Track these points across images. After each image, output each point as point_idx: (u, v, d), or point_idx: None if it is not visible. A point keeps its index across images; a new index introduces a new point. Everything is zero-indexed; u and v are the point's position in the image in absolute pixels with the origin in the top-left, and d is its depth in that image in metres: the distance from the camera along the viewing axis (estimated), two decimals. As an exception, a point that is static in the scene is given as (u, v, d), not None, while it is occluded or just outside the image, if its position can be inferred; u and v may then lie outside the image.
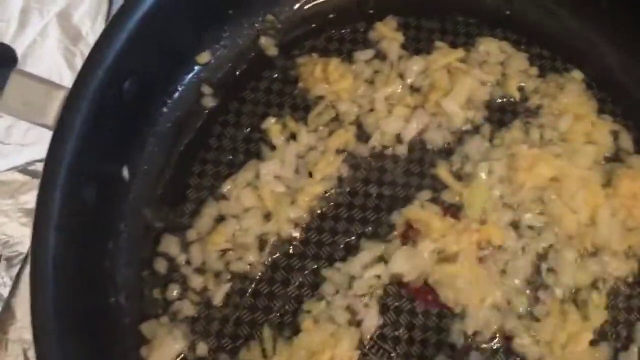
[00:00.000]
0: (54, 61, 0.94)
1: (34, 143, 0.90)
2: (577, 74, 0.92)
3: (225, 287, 0.79)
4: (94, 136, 0.70)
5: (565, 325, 0.79)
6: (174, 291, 0.79)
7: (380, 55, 0.91)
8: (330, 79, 0.87)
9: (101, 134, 0.72)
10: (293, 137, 0.86)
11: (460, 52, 0.90)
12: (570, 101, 0.89)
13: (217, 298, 0.79)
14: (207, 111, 0.88)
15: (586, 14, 0.92)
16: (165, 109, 0.87)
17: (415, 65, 0.89)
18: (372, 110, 0.87)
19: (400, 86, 0.88)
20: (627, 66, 0.92)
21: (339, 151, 0.86)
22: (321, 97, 0.88)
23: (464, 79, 0.88)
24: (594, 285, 0.81)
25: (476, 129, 0.87)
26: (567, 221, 0.83)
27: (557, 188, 0.84)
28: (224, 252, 0.80)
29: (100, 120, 0.71)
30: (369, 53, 0.90)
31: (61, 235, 0.67)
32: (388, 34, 0.91)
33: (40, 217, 0.65)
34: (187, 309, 0.79)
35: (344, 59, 0.90)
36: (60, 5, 0.96)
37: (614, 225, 0.84)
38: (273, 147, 0.85)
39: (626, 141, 0.88)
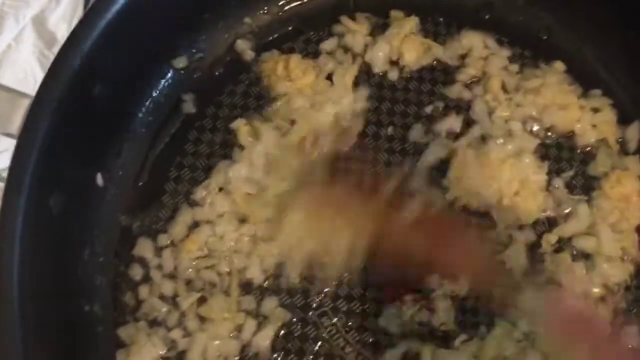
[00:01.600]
0: (29, 66, 0.92)
1: (8, 150, 0.88)
2: (559, 65, 0.90)
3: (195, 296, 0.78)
4: (62, 143, 0.69)
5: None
6: (146, 295, 0.78)
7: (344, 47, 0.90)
8: (292, 75, 0.86)
9: (70, 141, 0.71)
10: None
11: (414, 19, 0.89)
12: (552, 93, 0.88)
13: (185, 305, 0.78)
14: (183, 116, 0.87)
15: (568, 19, 0.92)
16: (140, 114, 0.86)
17: (380, 50, 0.88)
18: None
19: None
20: (611, 66, 0.92)
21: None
22: (284, 94, 0.87)
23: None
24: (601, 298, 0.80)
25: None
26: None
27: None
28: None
29: (68, 127, 0.70)
30: (331, 43, 0.89)
31: (26, 246, 0.65)
32: (353, 26, 0.90)
33: (3, 227, 0.64)
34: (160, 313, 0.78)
35: (306, 56, 0.89)
36: (35, 9, 0.95)
37: (605, 229, 0.83)
38: (242, 149, 0.84)
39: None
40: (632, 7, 0.87)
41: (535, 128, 0.88)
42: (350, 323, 0.79)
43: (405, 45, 0.89)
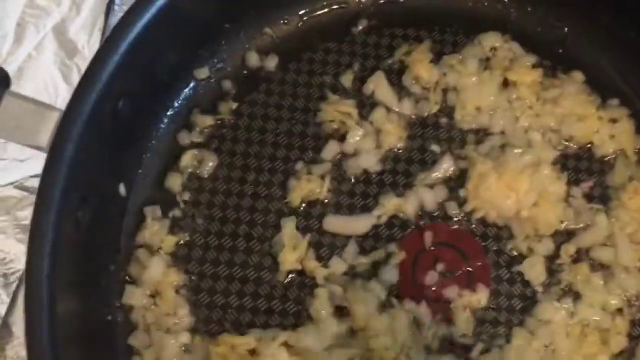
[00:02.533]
0: (50, 75, 0.93)
1: (31, 158, 0.89)
2: (578, 75, 0.90)
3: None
4: (88, 157, 0.70)
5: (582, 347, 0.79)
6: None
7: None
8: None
9: (95, 155, 0.72)
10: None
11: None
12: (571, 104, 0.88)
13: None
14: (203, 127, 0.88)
15: (586, 29, 0.92)
16: (162, 125, 0.87)
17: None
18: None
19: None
20: (629, 76, 0.92)
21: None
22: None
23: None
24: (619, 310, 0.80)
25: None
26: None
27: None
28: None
29: (94, 141, 0.70)
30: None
31: (56, 257, 0.66)
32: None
33: (35, 240, 0.65)
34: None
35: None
36: (56, 19, 0.96)
37: (624, 240, 0.83)
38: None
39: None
40: (651, 17, 0.87)
41: (554, 138, 0.88)
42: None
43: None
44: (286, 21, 0.92)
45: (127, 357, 0.78)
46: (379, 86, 0.89)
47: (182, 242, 0.83)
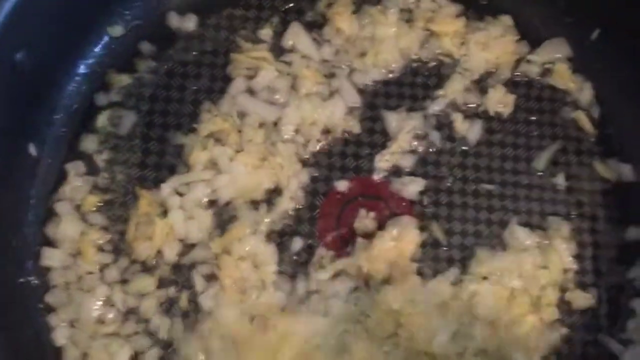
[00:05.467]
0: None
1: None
2: (506, 19, 0.90)
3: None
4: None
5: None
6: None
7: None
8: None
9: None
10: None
11: None
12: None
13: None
14: (119, 86, 0.86)
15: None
16: (74, 84, 0.84)
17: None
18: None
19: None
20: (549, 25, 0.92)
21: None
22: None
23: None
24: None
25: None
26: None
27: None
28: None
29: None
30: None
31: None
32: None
33: None
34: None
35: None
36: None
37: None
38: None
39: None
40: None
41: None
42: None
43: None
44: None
45: (43, 316, 0.76)
46: (297, 37, 0.88)
47: (101, 202, 0.81)
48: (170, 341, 0.77)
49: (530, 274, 0.81)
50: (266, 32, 0.88)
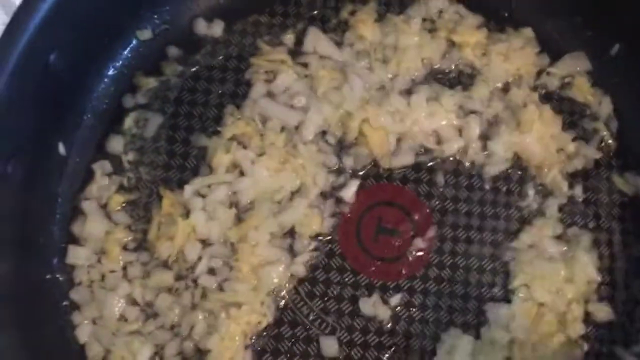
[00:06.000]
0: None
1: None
2: (527, 32, 0.91)
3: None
4: (19, 109, 0.69)
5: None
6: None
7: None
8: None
9: (27, 108, 0.72)
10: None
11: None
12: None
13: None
14: (146, 89, 0.88)
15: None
16: (103, 86, 0.86)
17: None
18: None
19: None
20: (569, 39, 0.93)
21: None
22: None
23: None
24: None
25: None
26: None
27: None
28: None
29: (24, 94, 0.70)
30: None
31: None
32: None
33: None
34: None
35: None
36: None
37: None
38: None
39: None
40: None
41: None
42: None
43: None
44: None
45: (67, 313, 0.78)
46: (317, 40, 0.89)
47: (126, 202, 0.83)
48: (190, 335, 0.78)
49: (558, 287, 0.81)
50: (289, 37, 0.90)
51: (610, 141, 0.89)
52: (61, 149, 0.81)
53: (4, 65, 0.66)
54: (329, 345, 0.79)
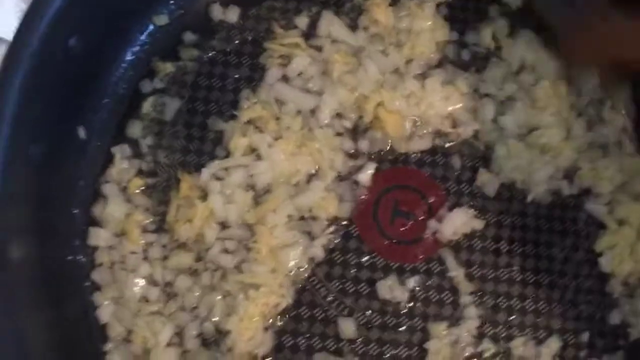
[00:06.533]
0: (9, 25, 0.92)
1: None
2: None
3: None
4: (39, 93, 0.70)
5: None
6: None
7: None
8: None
9: (48, 92, 0.72)
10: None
11: None
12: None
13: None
14: (164, 74, 0.88)
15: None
16: (121, 70, 0.87)
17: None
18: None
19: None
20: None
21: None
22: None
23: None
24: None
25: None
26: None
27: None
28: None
29: (45, 77, 0.71)
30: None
31: (6, 193, 0.66)
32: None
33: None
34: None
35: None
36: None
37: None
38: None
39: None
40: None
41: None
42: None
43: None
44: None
45: (89, 294, 0.79)
46: (331, 24, 0.90)
47: (145, 185, 0.84)
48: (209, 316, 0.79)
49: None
50: (303, 20, 0.91)
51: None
52: (81, 132, 0.82)
53: (26, 49, 0.67)
54: (347, 326, 0.80)
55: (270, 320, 0.80)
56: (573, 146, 0.87)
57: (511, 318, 0.82)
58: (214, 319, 0.79)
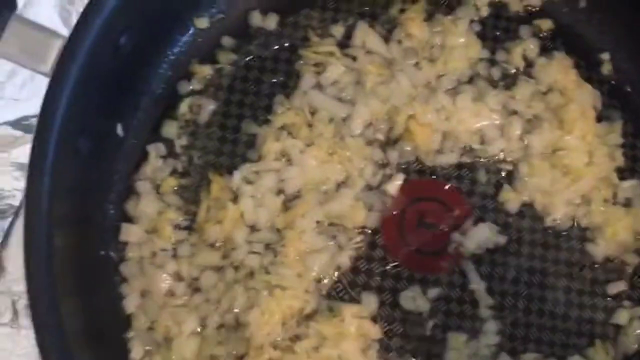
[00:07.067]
0: (50, 20, 0.94)
1: (29, 98, 0.90)
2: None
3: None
4: (90, 88, 0.71)
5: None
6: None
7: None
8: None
9: (96, 87, 0.74)
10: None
11: None
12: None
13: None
14: (201, 76, 0.90)
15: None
16: (161, 71, 0.89)
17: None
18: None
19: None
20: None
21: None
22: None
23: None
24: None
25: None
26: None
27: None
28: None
29: (96, 73, 0.72)
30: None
31: (55, 184, 0.68)
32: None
33: (34, 163, 0.67)
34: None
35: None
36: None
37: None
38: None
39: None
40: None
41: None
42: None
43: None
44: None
45: (117, 287, 0.80)
46: (366, 35, 0.91)
47: (177, 186, 0.85)
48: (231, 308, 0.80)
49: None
50: (337, 29, 0.92)
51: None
52: (119, 130, 0.83)
53: (82, 46, 0.68)
54: (370, 334, 0.82)
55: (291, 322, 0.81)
56: (594, 171, 0.88)
57: (529, 333, 0.84)
58: (235, 310, 0.80)
